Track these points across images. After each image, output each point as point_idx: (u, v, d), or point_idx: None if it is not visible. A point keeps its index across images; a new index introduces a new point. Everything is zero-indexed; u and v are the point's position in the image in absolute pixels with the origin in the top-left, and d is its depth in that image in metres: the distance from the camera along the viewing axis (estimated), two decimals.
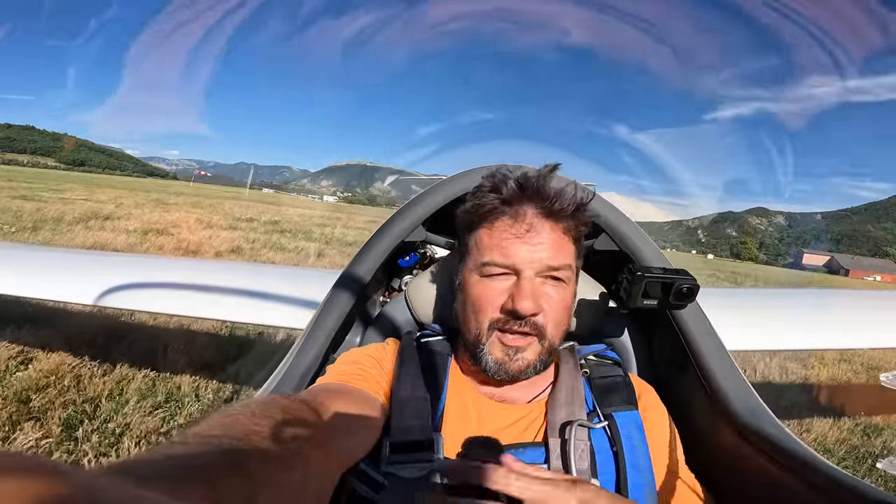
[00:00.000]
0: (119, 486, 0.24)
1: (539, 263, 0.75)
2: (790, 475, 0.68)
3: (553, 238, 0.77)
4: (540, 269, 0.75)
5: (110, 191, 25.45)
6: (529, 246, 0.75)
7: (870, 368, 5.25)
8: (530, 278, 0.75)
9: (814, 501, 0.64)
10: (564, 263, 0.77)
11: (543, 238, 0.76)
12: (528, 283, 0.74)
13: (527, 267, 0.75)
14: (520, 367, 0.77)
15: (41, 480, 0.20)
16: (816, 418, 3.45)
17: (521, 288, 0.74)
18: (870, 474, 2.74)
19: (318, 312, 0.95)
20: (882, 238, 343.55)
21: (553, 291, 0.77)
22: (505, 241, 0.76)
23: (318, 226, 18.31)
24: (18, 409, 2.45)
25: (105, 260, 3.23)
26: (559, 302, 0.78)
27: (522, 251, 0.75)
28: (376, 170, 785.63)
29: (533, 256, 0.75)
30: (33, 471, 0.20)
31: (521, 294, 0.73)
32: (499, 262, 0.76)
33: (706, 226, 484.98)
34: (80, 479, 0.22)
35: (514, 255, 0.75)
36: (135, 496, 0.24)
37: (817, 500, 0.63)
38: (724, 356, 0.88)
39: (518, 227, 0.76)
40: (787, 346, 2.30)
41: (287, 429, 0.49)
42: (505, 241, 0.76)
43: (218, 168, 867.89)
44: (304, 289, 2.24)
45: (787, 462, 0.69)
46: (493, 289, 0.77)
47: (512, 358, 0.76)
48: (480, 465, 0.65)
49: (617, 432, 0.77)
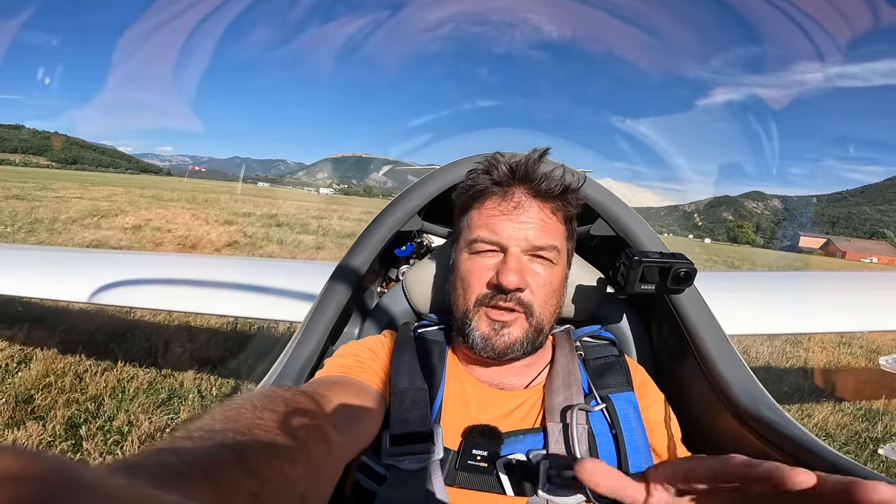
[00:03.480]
0: (133, 485, 0.24)
1: (525, 241, 0.77)
2: (791, 461, 0.68)
3: (541, 217, 0.78)
4: (526, 246, 0.77)
5: (105, 188, 25.29)
6: (516, 223, 0.77)
7: (869, 352, 5.26)
8: (517, 255, 0.77)
9: None
10: (550, 244, 0.78)
11: (531, 217, 0.78)
12: (514, 259, 0.76)
13: (513, 244, 0.77)
14: (506, 342, 0.77)
15: (55, 479, 0.20)
16: (817, 403, 3.46)
17: (507, 263, 0.76)
18: (871, 460, 2.75)
19: (316, 305, 0.94)
20: (878, 220, 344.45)
21: (540, 269, 0.78)
22: (493, 219, 0.78)
23: (314, 218, 18.26)
24: (21, 409, 2.45)
25: (101, 257, 3.22)
26: (547, 281, 0.79)
27: (509, 228, 0.77)
28: (371, 161, 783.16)
29: (519, 234, 0.77)
30: (47, 469, 0.20)
31: (505, 269, 0.75)
32: (486, 238, 0.78)
33: (703, 210, 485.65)
34: (95, 479, 0.21)
35: (500, 232, 0.77)
36: (150, 496, 0.24)
37: None
38: (724, 341, 0.88)
39: (506, 205, 0.78)
40: (785, 329, 2.30)
41: (290, 422, 0.49)
42: (493, 219, 0.78)
43: (212, 163, 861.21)
44: (301, 281, 2.24)
45: (788, 447, 0.69)
46: (481, 265, 0.78)
47: (498, 333, 0.77)
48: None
49: (615, 414, 0.78)
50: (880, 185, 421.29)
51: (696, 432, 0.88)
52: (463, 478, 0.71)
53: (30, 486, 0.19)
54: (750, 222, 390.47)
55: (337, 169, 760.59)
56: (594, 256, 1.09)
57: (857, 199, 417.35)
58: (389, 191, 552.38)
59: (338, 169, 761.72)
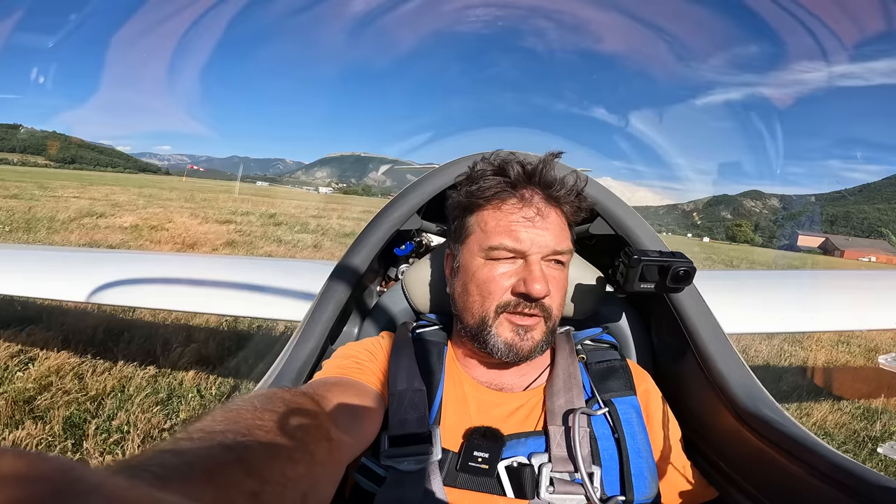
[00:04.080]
0: (135, 486, 0.24)
1: (546, 248, 0.77)
2: (790, 459, 0.68)
3: (558, 223, 0.79)
4: (547, 253, 0.77)
5: (103, 188, 25.23)
6: (538, 230, 0.77)
7: (868, 350, 5.26)
8: (538, 262, 0.77)
9: (814, 485, 0.64)
10: (567, 248, 0.80)
11: (550, 223, 0.78)
12: (538, 266, 0.76)
13: (536, 251, 0.77)
14: (530, 346, 0.78)
15: (57, 481, 0.20)
16: (816, 402, 3.46)
17: (533, 272, 0.75)
18: (870, 459, 2.74)
19: (315, 304, 0.94)
20: (877, 219, 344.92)
21: (555, 272, 0.79)
22: (514, 225, 0.77)
23: (313, 217, 18.22)
24: (21, 409, 2.44)
25: (99, 257, 3.21)
26: (562, 284, 0.80)
27: (532, 234, 0.77)
28: (370, 160, 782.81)
29: (542, 241, 0.77)
30: (50, 471, 0.20)
31: (532, 277, 0.75)
32: (509, 246, 0.77)
33: (701, 209, 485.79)
34: (97, 480, 0.21)
35: (524, 240, 0.77)
36: (151, 497, 0.24)
37: (817, 485, 0.63)
38: (723, 339, 0.88)
39: (527, 210, 0.78)
40: (785, 328, 2.30)
41: (290, 422, 0.49)
42: (514, 225, 0.77)
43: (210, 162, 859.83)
44: (300, 280, 2.24)
45: (787, 446, 0.69)
46: (501, 272, 0.78)
47: (523, 338, 0.77)
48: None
49: (618, 418, 0.78)
50: (879, 184, 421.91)
51: (696, 431, 0.88)
52: (463, 479, 0.71)
53: (32, 488, 0.19)
54: (748, 221, 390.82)
55: (336, 168, 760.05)
56: (594, 255, 1.09)
57: (856, 197, 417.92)
58: (388, 190, 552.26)
59: (337, 168, 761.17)
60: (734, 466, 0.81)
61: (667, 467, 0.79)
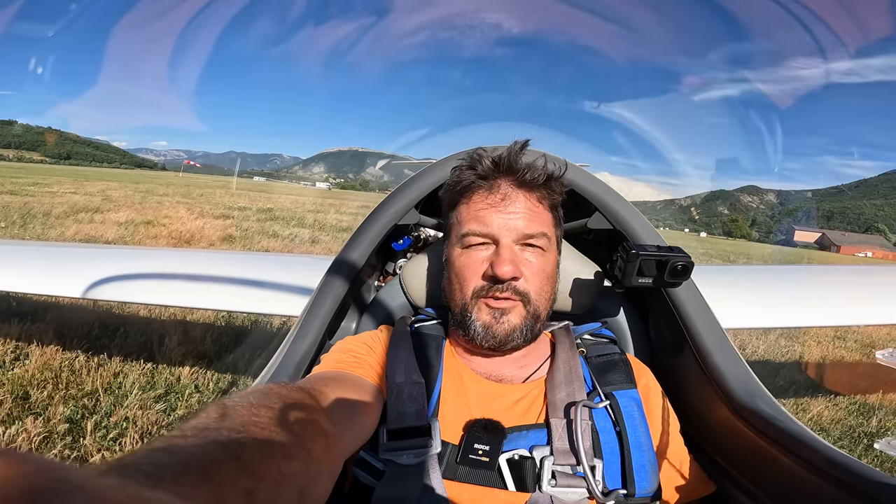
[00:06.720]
0: (124, 486, 0.23)
1: (515, 231, 0.78)
2: (786, 454, 0.68)
3: (528, 207, 0.80)
4: (517, 236, 0.78)
5: (99, 183, 25.11)
6: (504, 214, 0.78)
7: (864, 346, 5.28)
8: (509, 245, 0.78)
9: (810, 481, 0.64)
10: (539, 231, 0.80)
11: (518, 207, 0.79)
12: (507, 249, 0.78)
13: (504, 235, 0.78)
14: (506, 329, 0.78)
15: (39, 481, 0.19)
16: (812, 397, 3.47)
17: (500, 254, 0.77)
18: (866, 454, 2.75)
19: (313, 299, 0.94)
20: (873, 214, 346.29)
21: (532, 257, 0.80)
22: (482, 212, 0.79)
23: (310, 212, 18.18)
24: (18, 405, 2.44)
25: (95, 252, 3.19)
26: (540, 268, 0.80)
27: (498, 219, 0.78)
28: (368, 155, 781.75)
29: (509, 224, 0.78)
30: (31, 471, 0.20)
31: (500, 260, 0.76)
32: (477, 231, 0.79)
33: (699, 204, 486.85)
34: (82, 481, 0.21)
35: (490, 224, 0.78)
36: (141, 497, 0.23)
37: (813, 480, 0.63)
38: (720, 334, 0.88)
39: (493, 197, 0.80)
40: (782, 323, 2.31)
41: (287, 418, 0.48)
42: (482, 212, 0.79)
43: (207, 157, 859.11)
44: (298, 275, 2.23)
45: (783, 441, 0.69)
46: (475, 258, 0.80)
47: (498, 320, 0.78)
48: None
49: (619, 412, 0.78)
50: (875, 179, 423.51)
51: (693, 425, 0.88)
52: (463, 472, 0.71)
53: (12, 489, 0.18)
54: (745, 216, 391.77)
55: (333, 163, 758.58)
56: (591, 250, 1.09)
57: (853, 193, 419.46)
58: (386, 185, 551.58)
59: (334, 163, 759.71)
60: (731, 461, 0.81)
61: (666, 461, 0.79)
